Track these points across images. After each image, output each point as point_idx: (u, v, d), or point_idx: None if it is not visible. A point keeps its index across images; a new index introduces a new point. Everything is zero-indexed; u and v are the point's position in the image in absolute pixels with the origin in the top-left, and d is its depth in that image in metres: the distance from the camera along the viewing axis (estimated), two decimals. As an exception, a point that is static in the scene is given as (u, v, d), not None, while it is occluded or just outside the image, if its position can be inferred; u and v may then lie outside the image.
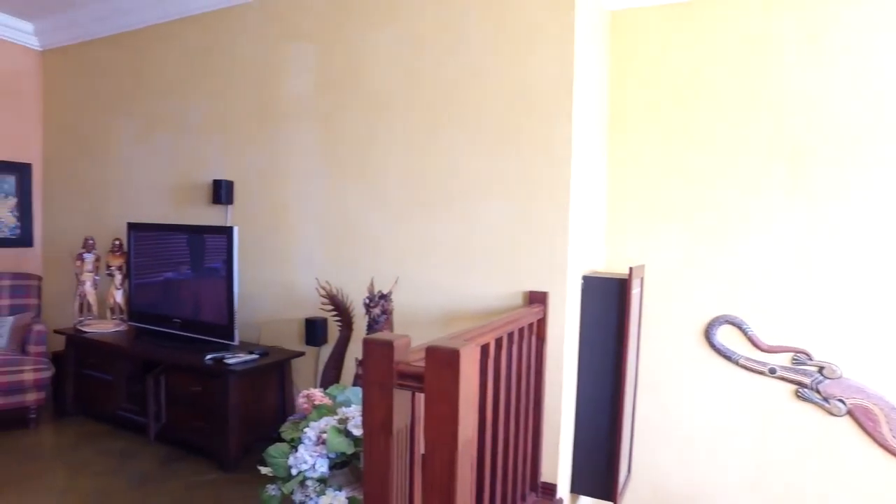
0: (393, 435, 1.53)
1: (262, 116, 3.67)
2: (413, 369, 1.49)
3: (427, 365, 1.46)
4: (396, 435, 1.54)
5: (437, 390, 1.45)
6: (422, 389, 1.49)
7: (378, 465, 1.56)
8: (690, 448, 3.09)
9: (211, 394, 3.16)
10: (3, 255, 4.68)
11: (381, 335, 1.53)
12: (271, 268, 3.61)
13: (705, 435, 3.05)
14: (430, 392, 1.46)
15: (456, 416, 1.44)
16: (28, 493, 2.89)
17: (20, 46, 4.80)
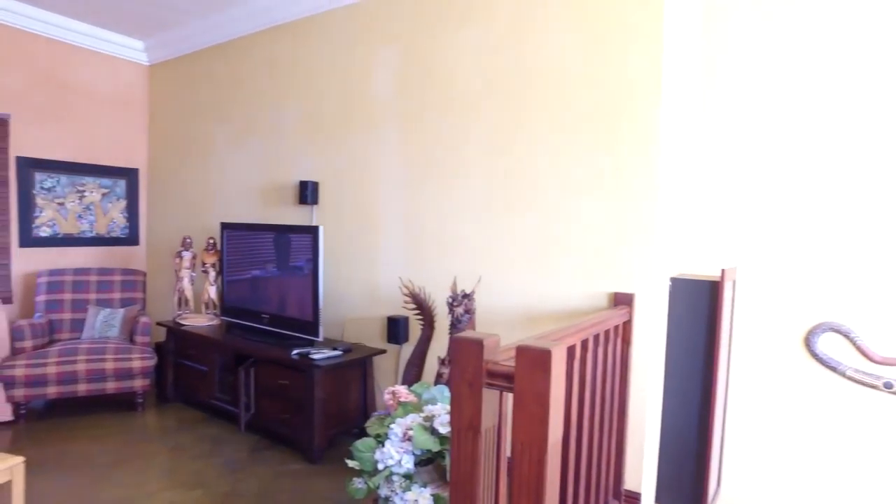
0: (481, 434, 1.53)
1: (346, 119, 3.78)
2: (503, 369, 1.49)
3: (517, 364, 1.45)
4: (484, 434, 1.54)
5: (527, 390, 1.44)
6: (511, 389, 1.49)
7: (466, 464, 1.57)
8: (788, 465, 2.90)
9: (297, 387, 3.29)
10: (115, 253, 5.10)
11: (471, 334, 1.53)
12: (355, 266, 3.72)
13: (806, 452, 2.86)
14: (519, 392, 1.45)
15: (546, 417, 1.42)
16: (138, 471, 3.12)
17: (132, 63, 5.21)
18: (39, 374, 3.68)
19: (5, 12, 4.35)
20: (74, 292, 4.31)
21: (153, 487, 2.94)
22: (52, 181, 4.71)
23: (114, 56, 5.07)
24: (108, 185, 5.06)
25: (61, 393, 3.77)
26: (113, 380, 3.87)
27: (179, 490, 2.91)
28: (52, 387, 3.73)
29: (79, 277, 4.37)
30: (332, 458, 3.30)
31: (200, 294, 4.38)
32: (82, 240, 4.91)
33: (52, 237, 4.72)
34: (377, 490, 1.86)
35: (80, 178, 4.88)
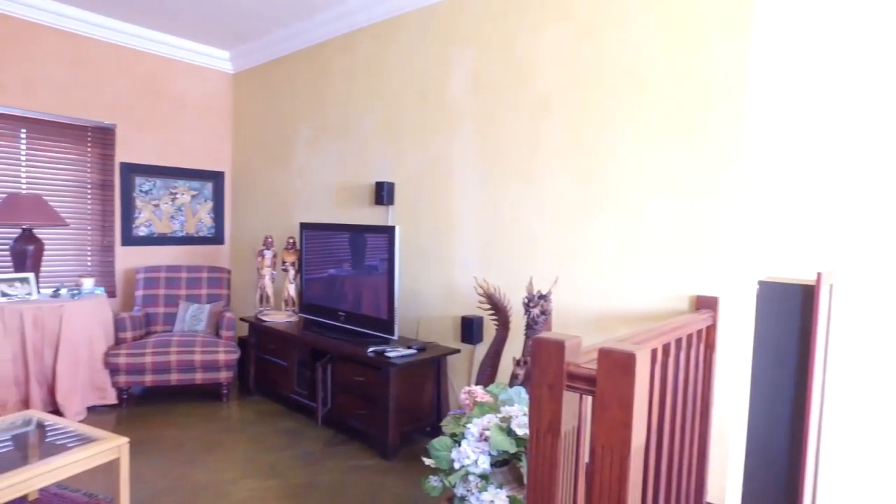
0: (560, 437, 1.51)
1: (423, 120, 3.83)
2: (584, 371, 1.46)
3: (600, 367, 1.42)
4: (564, 437, 1.52)
5: (609, 394, 1.40)
6: (592, 392, 1.46)
7: (544, 466, 1.55)
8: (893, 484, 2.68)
9: (373, 384, 3.36)
10: (202, 251, 5.41)
11: (553, 335, 1.51)
12: (429, 266, 3.76)
13: (911, 470, 2.64)
14: (601, 395, 1.42)
15: (629, 421, 1.38)
16: (222, 458, 3.29)
17: (218, 71, 5.50)
18: (138, 363, 3.96)
19: (113, 31, 4.71)
20: (167, 288, 4.61)
21: (235, 475, 3.09)
22: (149, 184, 5.05)
23: (203, 66, 5.38)
24: (196, 187, 5.37)
25: (156, 381, 4.03)
26: (201, 371, 4.10)
27: (258, 479, 3.04)
28: (148, 375, 4.00)
29: (171, 274, 4.66)
30: (405, 455, 3.35)
31: (281, 291, 4.57)
32: (174, 239, 5.24)
33: (148, 236, 5.06)
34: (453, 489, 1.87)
35: (173, 182, 5.21)
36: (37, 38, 4.40)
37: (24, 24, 4.33)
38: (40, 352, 3.77)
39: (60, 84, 4.53)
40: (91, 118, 4.70)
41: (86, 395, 3.94)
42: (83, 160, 4.74)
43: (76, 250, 4.71)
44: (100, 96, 4.73)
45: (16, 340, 3.69)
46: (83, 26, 4.58)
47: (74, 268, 4.68)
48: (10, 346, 3.68)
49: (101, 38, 4.71)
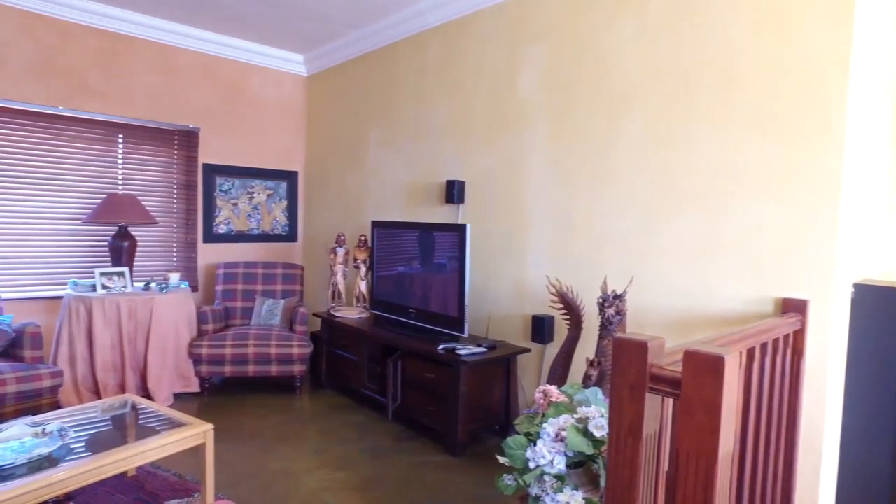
0: (642, 440, 1.48)
1: (494, 119, 3.83)
2: (669, 373, 1.42)
3: (685, 370, 1.37)
4: (645, 441, 1.49)
5: (695, 398, 1.36)
6: (676, 395, 1.42)
7: (624, 470, 1.52)
8: None
9: (442, 381, 3.39)
10: (277, 249, 5.63)
11: (635, 335, 1.48)
12: (500, 264, 3.76)
13: None
14: (687, 399, 1.38)
15: (717, 427, 1.33)
16: (296, 448, 3.40)
17: (293, 75, 5.70)
18: (219, 354, 4.17)
19: (199, 41, 4.98)
20: (245, 283, 4.82)
21: (308, 465, 3.19)
22: (228, 184, 5.30)
23: (278, 70, 5.59)
24: (272, 186, 5.59)
25: (234, 372, 4.23)
26: (276, 364, 4.27)
27: (330, 469, 3.13)
28: (227, 366, 4.20)
29: (248, 270, 4.87)
30: (473, 452, 3.36)
31: (352, 288, 4.69)
32: (250, 236, 5.47)
33: (227, 234, 5.31)
34: (527, 488, 1.86)
35: (250, 181, 5.44)
36: (134, 51, 4.71)
37: (123, 39, 4.64)
38: (134, 341, 4.03)
39: (152, 92, 4.83)
40: (178, 122, 4.98)
41: (173, 382, 4.18)
42: (170, 162, 5.03)
43: (163, 247, 5.01)
44: (186, 102, 5.01)
45: (114, 329, 3.98)
46: (173, 37, 4.86)
47: (161, 263, 4.98)
48: (109, 335, 3.96)
49: (189, 48, 4.98)
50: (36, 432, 2.29)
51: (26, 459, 2.06)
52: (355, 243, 4.64)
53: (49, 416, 2.65)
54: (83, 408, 2.84)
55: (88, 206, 4.52)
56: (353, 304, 4.63)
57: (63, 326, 3.97)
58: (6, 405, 3.26)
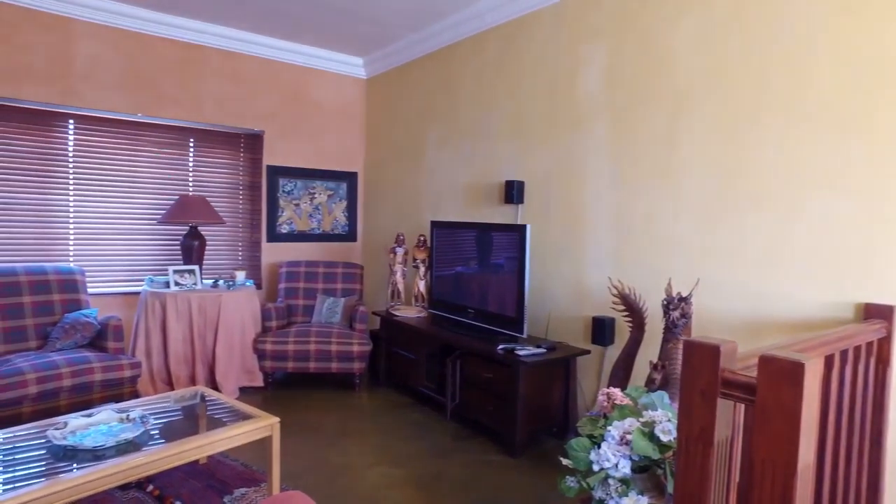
0: (713, 447, 1.44)
1: (552, 119, 3.80)
2: (743, 379, 1.38)
3: (761, 375, 1.33)
4: (717, 447, 1.45)
5: (772, 405, 1.31)
6: (750, 401, 1.37)
7: (694, 477, 1.48)
8: None
9: (501, 381, 3.39)
10: (337, 248, 5.77)
11: (706, 338, 1.45)
12: (559, 265, 3.73)
13: None
14: (762, 406, 1.33)
15: (796, 437, 1.28)
16: (357, 444, 3.49)
17: (352, 78, 5.83)
18: (282, 350, 4.31)
19: (263, 47, 5.17)
20: (306, 282, 4.96)
21: (369, 460, 3.26)
22: (290, 185, 5.48)
23: (339, 73, 5.72)
24: (332, 187, 5.73)
25: (296, 367, 4.36)
26: (336, 361, 4.37)
27: (390, 466, 3.18)
28: (290, 362, 4.34)
29: (309, 269, 5.02)
30: (532, 453, 3.35)
31: (411, 287, 4.75)
32: (311, 236, 5.63)
33: (289, 233, 5.49)
34: (591, 491, 1.85)
35: (312, 182, 5.60)
36: (205, 59, 4.93)
37: (195, 48, 4.88)
38: (203, 335, 4.23)
39: (221, 97, 5.04)
40: (244, 126, 5.19)
41: (238, 376, 4.35)
42: (236, 164, 5.24)
43: (230, 246, 5.22)
44: (251, 106, 5.21)
45: (185, 324, 4.18)
46: (240, 45, 5.06)
47: (228, 261, 5.19)
48: (181, 329, 4.17)
49: (254, 54, 5.17)
50: (121, 418, 2.44)
51: (114, 443, 2.21)
52: (414, 243, 4.70)
53: (130, 404, 2.81)
54: (158, 397, 3.00)
55: (162, 207, 4.76)
56: (411, 304, 4.69)
57: (140, 320, 4.20)
58: (94, 392, 3.49)
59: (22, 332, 3.73)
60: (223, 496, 2.72)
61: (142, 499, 2.67)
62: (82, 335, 3.77)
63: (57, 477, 1.99)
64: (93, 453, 2.16)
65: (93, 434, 2.28)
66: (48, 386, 3.30)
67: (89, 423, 2.38)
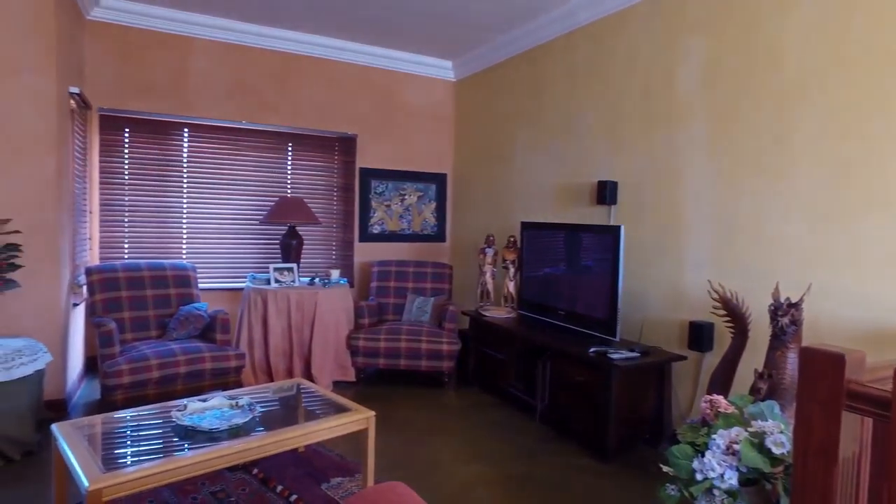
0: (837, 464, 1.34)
1: (647, 117, 3.69)
2: (874, 392, 1.28)
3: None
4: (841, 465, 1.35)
5: (912, 423, 1.21)
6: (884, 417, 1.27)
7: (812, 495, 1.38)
8: None
9: (593, 385, 3.33)
10: (426, 248, 5.88)
11: (827, 346, 1.35)
12: (654, 267, 3.61)
13: None
14: (901, 423, 1.23)
15: (940, 459, 1.17)
16: (445, 441, 3.54)
17: (442, 80, 5.93)
18: (374, 347, 4.45)
19: (356, 53, 5.37)
20: (397, 281, 5.09)
21: (458, 458, 3.30)
22: (382, 187, 5.65)
23: (428, 77, 5.84)
24: (422, 189, 5.85)
25: (387, 364, 4.49)
26: (426, 359, 4.46)
27: (479, 464, 3.20)
28: (381, 359, 4.47)
29: (400, 269, 5.14)
30: (623, 459, 3.26)
31: (500, 288, 4.77)
32: (401, 236, 5.78)
33: (380, 234, 5.66)
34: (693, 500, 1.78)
35: (402, 184, 5.75)
36: (301, 67, 5.20)
37: (293, 57, 5.15)
38: (300, 330, 4.45)
39: (317, 103, 5.29)
40: (338, 130, 5.41)
41: (332, 370, 4.54)
42: (331, 167, 5.47)
43: (324, 245, 5.46)
44: (345, 111, 5.42)
45: (284, 319, 4.42)
46: (334, 52, 5.28)
47: (322, 260, 5.43)
48: (281, 324, 4.41)
49: (347, 60, 5.38)
50: (231, 404, 2.62)
51: (227, 426, 2.38)
52: (504, 244, 4.70)
53: (237, 392, 3.00)
54: (260, 387, 3.18)
55: (263, 208, 5.06)
56: (501, 304, 4.70)
57: (244, 315, 4.48)
58: (204, 380, 3.77)
59: (145, 322, 4.08)
60: (321, 484, 2.85)
61: (248, 480, 2.84)
62: (194, 327, 4.07)
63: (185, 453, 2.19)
64: (209, 435, 2.33)
65: (208, 417, 2.47)
66: (167, 372, 3.60)
67: (204, 408, 2.57)
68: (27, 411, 3.07)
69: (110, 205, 4.62)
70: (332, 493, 2.74)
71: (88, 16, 4.39)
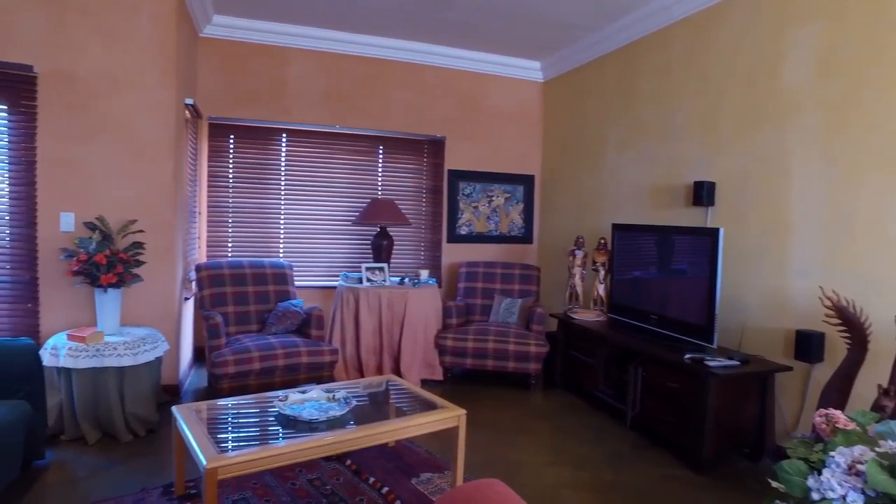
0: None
1: (749, 113, 3.50)
2: None
3: None
4: None
5: None
6: None
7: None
8: None
9: (688, 392, 3.20)
10: (514, 250, 5.88)
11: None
12: (755, 271, 3.42)
13: None
14: None
15: None
16: (530, 442, 3.52)
17: (529, 81, 5.90)
18: (461, 347, 4.50)
19: (443, 57, 5.46)
20: (484, 282, 5.12)
21: (543, 459, 3.27)
22: (469, 188, 5.70)
23: (515, 78, 5.83)
24: (509, 190, 5.85)
25: (474, 365, 4.52)
26: (513, 360, 4.45)
27: (565, 468, 3.16)
28: (469, 358, 4.52)
29: (487, 270, 5.17)
30: (720, 472, 3.11)
31: (590, 290, 4.68)
32: (488, 237, 5.80)
33: (468, 235, 5.72)
34: (805, 520, 1.67)
35: (489, 186, 5.77)
36: (391, 72, 5.35)
37: (382, 63, 5.32)
38: (390, 328, 4.57)
39: (406, 107, 5.42)
40: (426, 133, 5.51)
41: (420, 369, 4.63)
42: (419, 169, 5.58)
43: (413, 246, 5.58)
44: (434, 113, 5.52)
45: (375, 318, 4.56)
46: (421, 56, 5.39)
47: (411, 260, 5.55)
48: (372, 322, 4.55)
49: (435, 64, 5.48)
50: (328, 397, 2.74)
51: (325, 418, 2.49)
52: (594, 246, 4.61)
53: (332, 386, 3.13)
54: (352, 382, 3.30)
55: (354, 209, 5.25)
56: (590, 307, 4.62)
57: (337, 312, 4.67)
58: (300, 373, 3.97)
59: (247, 317, 4.35)
60: (411, 478, 2.91)
61: (341, 470, 2.96)
62: (291, 322, 4.29)
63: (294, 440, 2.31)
64: (308, 425, 2.45)
65: (308, 408, 2.60)
66: (267, 364, 3.82)
67: (304, 399, 2.71)
68: (150, 393, 3.37)
69: (216, 206, 4.97)
70: (422, 489, 2.80)
71: (201, 33, 4.74)
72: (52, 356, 3.15)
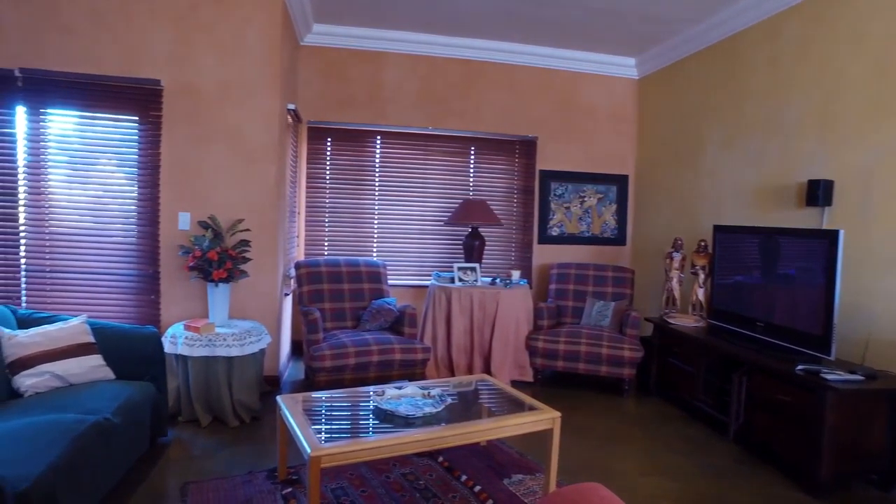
0: None
1: (879, 104, 3.21)
2: None
3: None
4: None
5: None
6: None
7: None
8: None
9: (800, 406, 2.97)
10: (606, 252, 5.73)
11: None
12: (883, 278, 3.13)
13: None
14: None
15: None
16: (625, 450, 3.41)
17: (623, 79, 5.73)
18: (552, 349, 4.44)
19: (535, 56, 5.42)
20: (576, 284, 5.02)
21: (640, 468, 3.16)
22: (561, 189, 5.62)
23: (609, 76, 5.67)
24: (602, 190, 5.71)
25: (566, 367, 4.45)
26: (606, 364, 4.34)
27: (662, 478, 3.03)
28: (560, 361, 4.45)
29: (579, 271, 5.06)
30: (839, 497, 2.86)
31: (688, 294, 4.47)
32: (580, 239, 5.69)
33: (559, 236, 5.63)
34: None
35: (582, 186, 5.66)
36: (484, 74, 5.38)
37: (476, 64, 5.35)
38: (481, 328, 4.59)
39: (498, 107, 5.43)
40: (518, 133, 5.49)
41: (511, 369, 4.62)
42: (511, 169, 5.56)
43: (504, 246, 5.58)
44: (525, 113, 5.49)
45: (467, 317, 4.60)
46: (514, 56, 5.38)
47: (502, 261, 5.55)
48: (463, 322, 4.60)
49: (527, 64, 5.44)
50: (424, 394, 2.79)
51: (421, 414, 2.54)
52: (694, 248, 4.40)
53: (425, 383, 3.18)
54: (443, 381, 3.33)
55: (447, 210, 5.31)
56: (688, 312, 4.41)
57: (428, 311, 4.75)
58: (393, 370, 4.07)
59: (342, 313, 4.52)
60: (502, 479, 2.91)
61: (434, 467, 3.01)
62: (385, 319, 4.41)
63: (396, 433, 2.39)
64: (405, 420, 2.51)
65: (404, 404, 2.66)
66: (362, 360, 3.95)
67: (400, 395, 2.78)
68: (254, 383, 3.59)
69: (314, 206, 5.20)
70: (514, 489, 2.79)
71: (302, 42, 4.99)
72: (171, 344, 3.44)
